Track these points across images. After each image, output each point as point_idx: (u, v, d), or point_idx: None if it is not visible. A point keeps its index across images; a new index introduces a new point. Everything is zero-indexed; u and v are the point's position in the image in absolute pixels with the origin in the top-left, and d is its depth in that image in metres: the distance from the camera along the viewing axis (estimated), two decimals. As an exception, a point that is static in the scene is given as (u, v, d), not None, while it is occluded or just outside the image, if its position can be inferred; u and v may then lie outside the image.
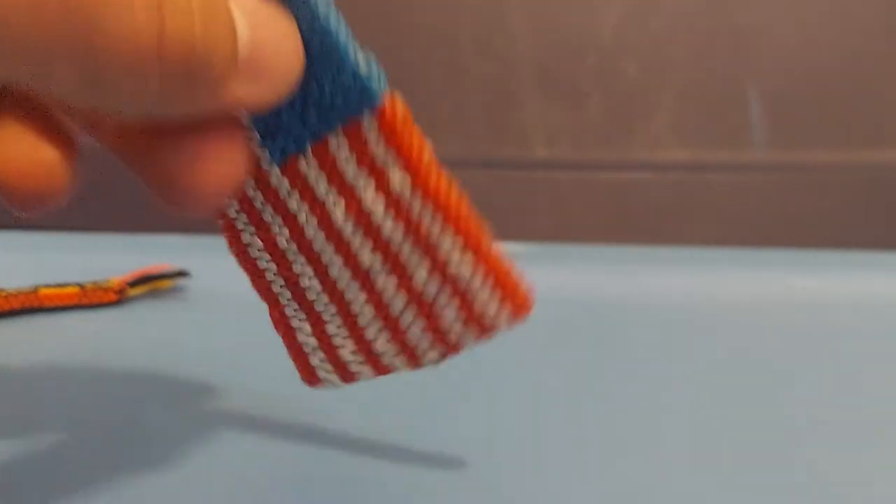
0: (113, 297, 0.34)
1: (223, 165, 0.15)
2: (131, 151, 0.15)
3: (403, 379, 0.18)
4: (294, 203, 0.17)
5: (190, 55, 0.12)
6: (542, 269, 0.19)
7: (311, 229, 0.17)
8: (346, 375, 0.18)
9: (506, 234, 0.17)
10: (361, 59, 0.15)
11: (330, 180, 0.16)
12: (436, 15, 0.51)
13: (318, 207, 0.16)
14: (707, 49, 0.49)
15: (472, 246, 0.15)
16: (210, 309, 0.34)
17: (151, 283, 0.35)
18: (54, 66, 0.11)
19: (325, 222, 0.16)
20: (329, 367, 0.18)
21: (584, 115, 0.50)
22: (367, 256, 0.16)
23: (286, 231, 0.17)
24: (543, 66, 0.50)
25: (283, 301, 0.18)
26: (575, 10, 0.49)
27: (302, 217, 0.17)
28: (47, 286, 0.33)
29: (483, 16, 0.50)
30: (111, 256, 0.38)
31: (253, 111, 0.14)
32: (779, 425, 0.23)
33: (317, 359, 0.18)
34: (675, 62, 0.49)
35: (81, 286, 0.33)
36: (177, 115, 0.13)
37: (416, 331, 0.16)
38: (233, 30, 0.13)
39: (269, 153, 0.16)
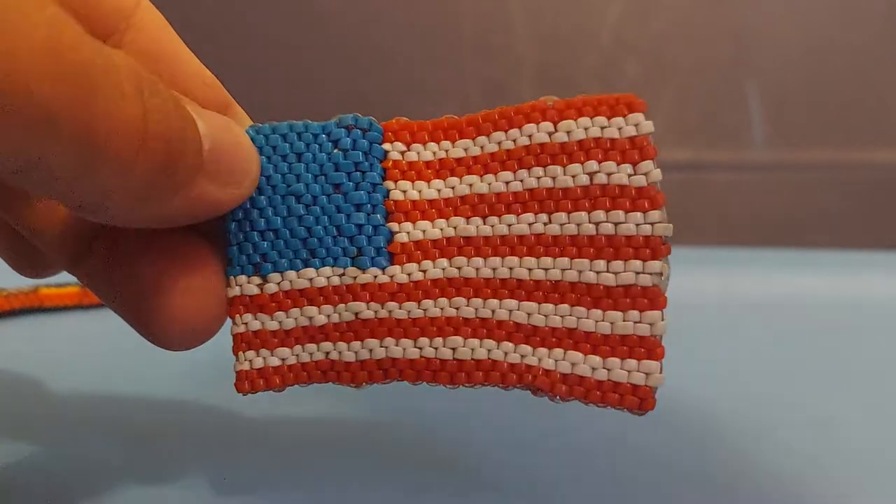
0: (113, 297, 0.34)
1: (194, 299, 0.16)
2: (110, 290, 0.16)
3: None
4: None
5: (168, 146, 0.13)
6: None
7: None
8: None
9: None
10: (339, 128, 0.16)
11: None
12: (436, 15, 0.51)
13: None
14: (707, 49, 0.49)
15: None
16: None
17: (151, 283, 0.35)
18: (61, 143, 0.11)
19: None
20: None
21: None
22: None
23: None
24: (543, 66, 0.50)
25: None
26: (575, 10, 0.49)
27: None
28: (47, 286, 0.33)
29: (483, 16, 0.50)
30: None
31: (219, 210, 0.15)
32: (778, 425, 0.22)
33: None
34: (675, 62, 0.49)
35: (82, 286, 0.33)
36: (152, 216, 0.14)
37: None
38: (197, 130, 0.14)
39: (368, 263, 0.16)
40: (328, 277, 0.16)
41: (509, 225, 0.16)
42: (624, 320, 0.15)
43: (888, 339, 0.31)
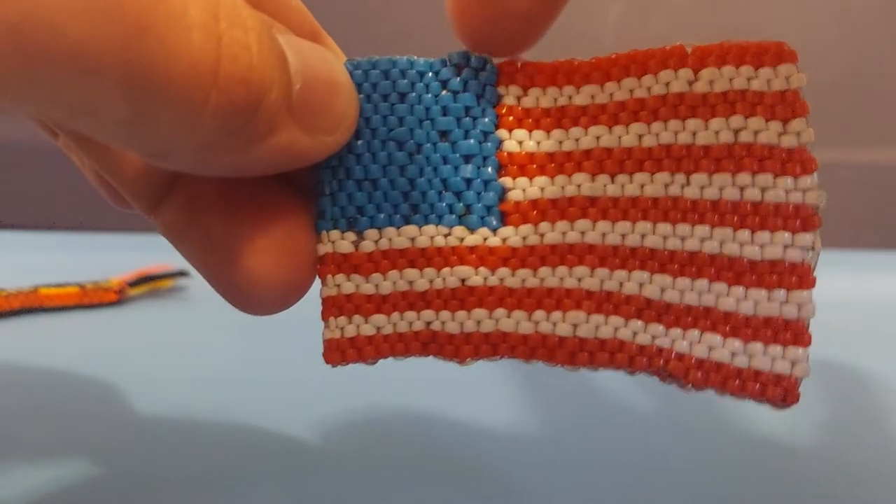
0: (113, 297, 0.34)
1: (278, 255, 0.14)
2: (188, 243, 0.14)
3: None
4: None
5: (247, 88, 0.11)
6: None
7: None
8: None
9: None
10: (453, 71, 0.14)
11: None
12: (437, 16, 0.51)
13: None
14: (707, 49, 0.49)
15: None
16: (210, 309, 0.34)
17: (151, 283, 0.35)
18: (105, 86, 0.09)
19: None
20: None
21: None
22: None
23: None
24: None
25: None
26: (575, 10, 0.49)
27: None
28: (47, 286, 0.33)
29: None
30: (111, 256, 0.38)
31: (308, 161, 0.13)
32: (778, 425, 0.23)
33: None
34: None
35: (81, 286, 0.33)
36: (227, 165, 0.12)
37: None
38: (287, 66, 0.12)
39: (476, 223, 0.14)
40: (432, 237, 0.14)
41: (642, 185, 0.14)
42: (769, 300, 0.13)
43: (888, 339, 0.31)
